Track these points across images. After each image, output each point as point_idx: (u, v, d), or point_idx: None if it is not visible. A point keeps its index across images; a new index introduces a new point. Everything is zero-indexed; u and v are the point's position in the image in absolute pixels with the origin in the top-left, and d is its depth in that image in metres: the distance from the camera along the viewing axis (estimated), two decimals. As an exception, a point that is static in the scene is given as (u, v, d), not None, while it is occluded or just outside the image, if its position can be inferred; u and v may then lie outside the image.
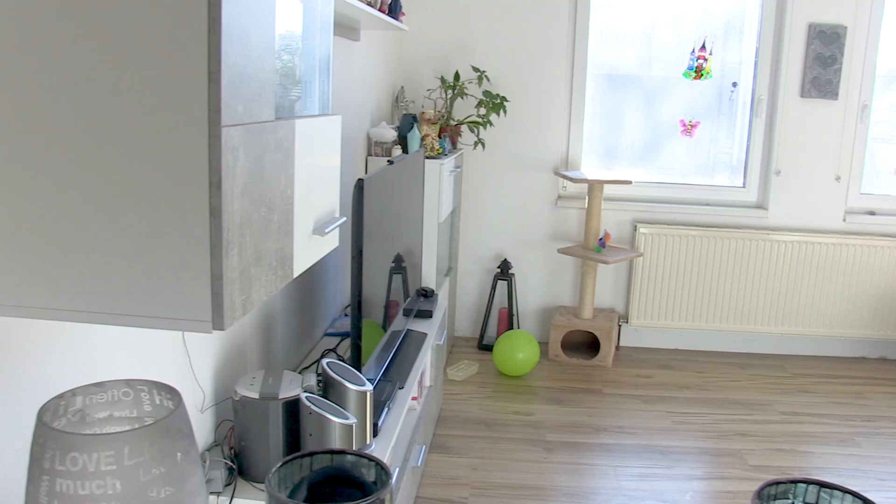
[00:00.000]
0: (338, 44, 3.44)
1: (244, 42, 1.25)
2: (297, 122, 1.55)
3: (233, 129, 1.22)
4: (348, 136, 3.73)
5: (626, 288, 5.15)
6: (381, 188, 2.82)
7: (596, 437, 3.89)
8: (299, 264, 1.61)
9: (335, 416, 2.07)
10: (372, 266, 2.81)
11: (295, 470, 1.71)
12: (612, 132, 5.15)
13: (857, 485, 3.57)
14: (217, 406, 2.24)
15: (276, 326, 2.83)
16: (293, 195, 1.54)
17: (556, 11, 4.89)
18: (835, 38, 4.93)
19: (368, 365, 2.80)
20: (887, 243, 5.07)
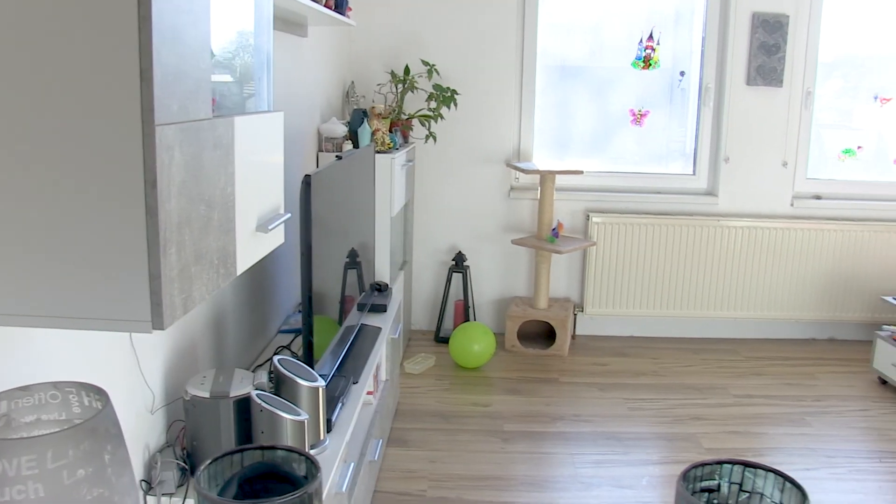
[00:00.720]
0: (285, 40, 3.42)
1: (177, 40, 1.24)
2: (237, 119, 1.54)
3: (167, 127, 1.21)
4: (298, 132, 3.71)
5: (581, 277, 5.20)
6: (330, 184, 2.81)
7: (553, 426, 3.93)
8: (243, 262, 1.61)
9: (287, 412, 2.07)
10: (325, 262, 2.80)
11: (225, 467, 1.70)
12: (563, 123, 5.18)
13: (807, 462, 3.65)
14: (168, 406, 2.22)
15: (228, 324, 2.81)
16: (234, 192, 1.53)
17: (505, 4, 4.91)
18: (778, 27, 5.01)
19: (322, 361, 2.79)
20: (833, 226, 5.17)
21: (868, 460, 3.71)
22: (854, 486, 3.47)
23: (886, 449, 3.84)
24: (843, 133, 5.37)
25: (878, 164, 5.41)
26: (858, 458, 3.72)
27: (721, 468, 2.64)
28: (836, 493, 3.40)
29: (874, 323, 5.16)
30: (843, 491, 3.43)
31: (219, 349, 2.70)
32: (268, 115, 1.77)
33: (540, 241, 4.81)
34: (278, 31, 3.27)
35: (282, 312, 3.56)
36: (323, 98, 4.26)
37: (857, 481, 3.52)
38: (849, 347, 5.23)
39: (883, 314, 5.21)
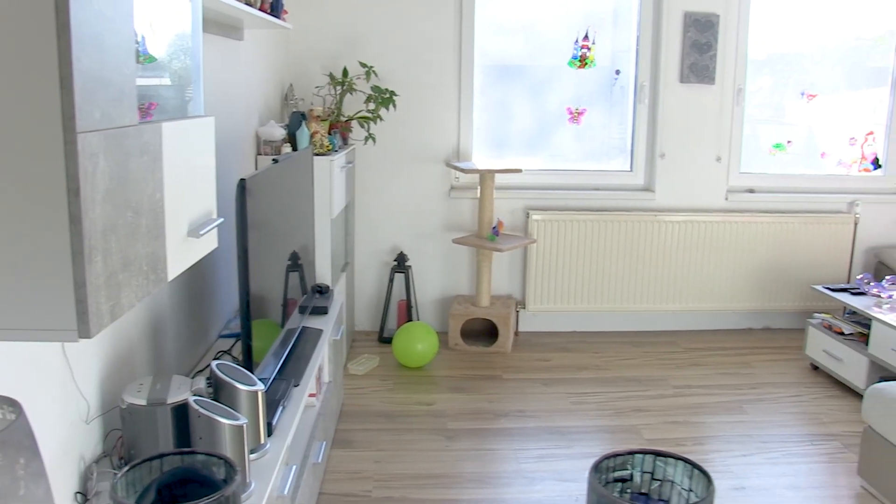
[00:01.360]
0: (221, 44, 3.40)
1: (98, 47, 1.24)
2: (165, 125, 1.54)
3: (90, 135, 1.21)
4: (235, 135, 3.70)
5: (522, 274, 5.25)
6: (267, 187, 2.81)
7: (497, 423, 3.97)
8: (174, 267, 1.60)
9: (225, 417, 2.06)
10: (265, 265, 2.80)
11: (144, 474, 1.70)
12: (502, 122, 5.23)
13: (743, 449, 3.74)
14: (104, 416, 2.20)
15: (167, 330, 2.79)
16: (163, 198, 1.53)
17: (443, 5, 4.94)
18: (709, 26, 5.12)
19: (263, 364, 2.79)
20: (767, 219, 5.30)
21: (800, 444, 3.82)
22: (787, 470, 3.58)
23: (817, 432, 3.96)
24: (774, 128, 5.51)
25: (808, 157, 5.56)
26: (791, 443, 3.83)
27: (633, 458, 2.70)
28: (770, 477, 3.50)
29: (806, 311, 5.30)
30: (777, 475, 3.53)
31: (157, 356, 2.68)
32: (197, 120, 1.77)
33: (481, 239, 4.85)
34: (214, 35, 3.25)
35: (223, 317, 3.55)
36: (261, 101, 4.24)
37: (790, 464, 3.62)
38: (783, 336, 5.37)
39: (814, 303, 5.35)
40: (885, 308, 4.35)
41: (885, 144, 5.58)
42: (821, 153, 5.58)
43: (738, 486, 3.42)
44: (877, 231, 5.53)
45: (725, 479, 3.48)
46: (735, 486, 3.43)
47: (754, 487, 3.42)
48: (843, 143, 5.58)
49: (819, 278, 5.41)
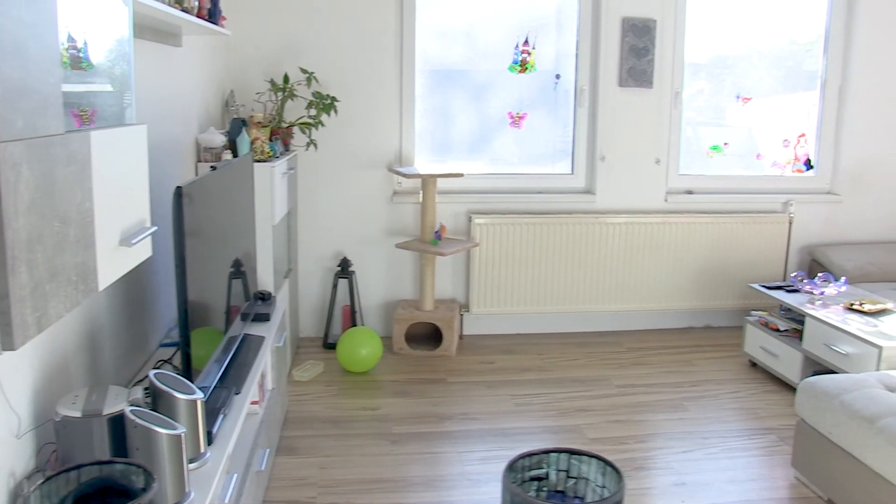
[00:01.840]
0: (159, 50, 3.37)
1: (19, 54, 1.23)
2: (94, 134, 1.53)
3: (12, 144, 1.19)
4: (175, 142, 3.66)
5: (466, 278, 5.28)
6: (206, 194, 2.80)
7: (441, 426, 3.98)
8: (105, 277, 1.59)
9: (162, 427, 2.05)
10: (207, 272, 2.78)
11: (61, 485, 1.69)
12: (444, 127, 5.26)
13: (684, 445, 3.81)
14: (38, 429, 2.16)
15: (104, 340, 2.76)
16: (92, 208, 1.52)
17: (383, 10, 4.94)
18: (646, 31, 5.21)
19: (204, 373, 2.77)
20: (705, 219, 5.41)
21: (739, 439, 3.91)
22: (726, 464, 3.65)
23: (755, 427, 4.05)
24: (712, 130, 5.63)
25: (744, 159, 5.68)
26: (730, 438, 3.92)
27: (548, 457, 2.76)
28: (710, 472, 3.57)
29: (745, 309, 5.42)
30: (716, 469, 3.60)
31: (94, 366, 2.64)
32: (128, 128, 1.76)
33: (423, 244, 4.87)
34: (151, 42, 3.22)
35: (164, 325, 3.51)
36: (201, 108, 4.21)
37: (729, 459, 3.70)
38: (723, 333, 5.48)
39: (752, 300, 5.47)
40: (818, 304, 4.46)
41: (816, 146, 5.73)
42: (756, 155, 5.71)
43: (679, 482, 3.49)
44: (810, 230, 5.68)
45: (667, 475, 3.54)
46: (676, 482, 3.49)
47: (695, 483, 3.49)
48: (778, 145, 5.72)
49: (756, 277, 5.53)
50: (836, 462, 3.23)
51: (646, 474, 3.55)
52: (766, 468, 3.64)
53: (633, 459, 3.67)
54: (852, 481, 3.15)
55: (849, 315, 4.31)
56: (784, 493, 3.44)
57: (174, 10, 2.98)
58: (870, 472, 3.05)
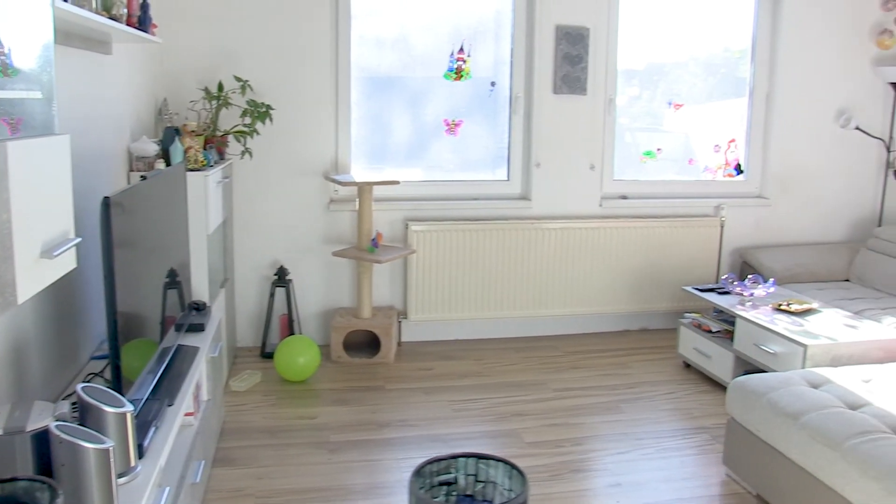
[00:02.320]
0: (88, 58, 3.32)
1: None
2: (10, 144, 1.51)
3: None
4: (105, 152, 3.61)
5: (403, 285, 5.29)
6: (138, 204, 2.77)
7: (380, 433, 3.98)
8: (25, 290, 1.57)
9: (89, 441, 2.02)
10: (139, 283, 2.75)
11: None
12: (380, 134, 5.27)
13: (620, 447, 3.88)
14: (-39, 446, 2.11)
15: (31, 355, 2.70)
16: (10, 220, 1.50)
17: (318, 18, 4.94)
18: (580, 39, 5.28)
19: (137, 385, 2.74)
20: (639, 224, 5.51)
21: (673, 438, 3.99)
22: (660, 464, 3.72)
23: (689, 426, 4.14)
24: (645, 136, 5.73)
25: (676, 164, 5.80)
26: (665, 438, 3.99)
27: (456, 462, 2.80)
28: (645, 472, 3.64)
29: (679, 311, 5.52)
30: (651, 469, 3.67)
31: (19, 382, 2.59)
32: (49, 138, 1.74)
33: (360, 251, 4.87)
34: (80, 49, 3.18)
35: (96, 338, 3.45)
36: (133, 116, 4.15)
37: (664, 458, 3.77)
38: (658, 336, 5.58)
39: (686, 303, 5.59)
40: (748, 306, 4.57)
41: (745, 151, 5.88)
42: (689, 160, 5.83)
43: (614, 483, 3.54)
44: (741, 233, 5.82)
45: (603, 476, 3.60)
46: (612, 482, 3.55)
47: (630, 483, 3.55)
48: (709, 150, 5.85)
49: (690, 279, 5.64)
50: (764, 458, 3.32)
51: (582, 476, 3.59)
52: (699, 466, 3.72)
53: (570, 462, 3.72)
54: (779, 476, 3.24)
55: (777, 315, 4.42)
56: (716, 490, 3.51)
57: (101, 17, 2.94)
58: (794, 466, 3.14)
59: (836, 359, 4.01)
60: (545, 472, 3.62)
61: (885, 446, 2.84)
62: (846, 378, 3.51)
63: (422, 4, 5.18)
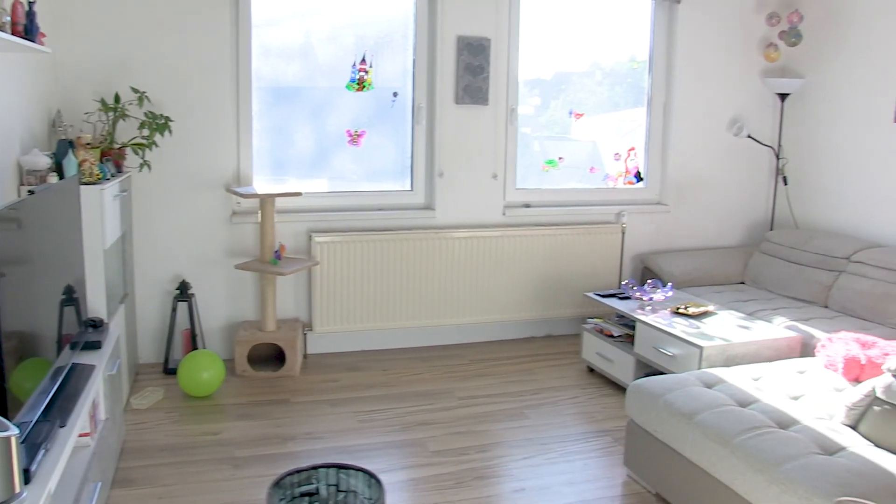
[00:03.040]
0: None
1: None
2: None
3: None
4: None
5: (308, 297, 5.25)
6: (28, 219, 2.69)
7: (284, 447, 3.95)
8: None
9: (-30, 466, 1.95)
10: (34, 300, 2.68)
11: None
12: (282, 146, 5.23)
13: (525, 452, 3.93)
14: None
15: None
16: None
17: (217, 28, 4.87)
18: (481, 50, 5.35)
19: (27, 407, 2.65)
20: (542, 232, 5.60)
21: (576, 442, 4.06)
22: (564, 468, 3.79)
23: (592, 429, 4.22)
24: (553, 145, 5.84)
25: (578, 172, 5.92)
26: (568, 442, 4.07)
27: (317, 472, 2.84)
28: (549, 476, 3.70)
29: (583, 317, 5.63)
30: (555, 473, 3.73)
31: None
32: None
33: (263, 264, 4.83)
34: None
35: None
36: (24, 129, 4.02)
37: (567, 462, 3.84)
38: (563, 342, 5.68)
39: (588, 309, 5.70)
40: (647, 310, 4.70)
41: (644, 159, 6.04)
42: (590, 168, 5.95)
43: (518, 489, 3.59)
44: (641, 239, 5.97)
45: (507, 482, 3.64)
46: (516, 488, 3.59)
47: (534, 487, 3.60)
48: (609, 159, 5.99)
49: (593, 285, 5.76)
50: (662, 458, 3.41)
51: (486, 483, 3.63)
52: (602, 468, 3.80)
53: (474, 469, 3.75)
54: (676, 475, 3.33)
55: (675, 318, 4.55)
56: (617, 491, 3.59)
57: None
58: (690, 464, 3.23)
59: (730, 359, 4.15)
60: (450, 479, 3.64)
61: (770, 440, 2.96)
62: (738, 377, 3.64)
63: (324, 15, 5.17)
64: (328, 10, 5.17)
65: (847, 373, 3.65)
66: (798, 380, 3.66)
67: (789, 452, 2.87)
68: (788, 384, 3.59)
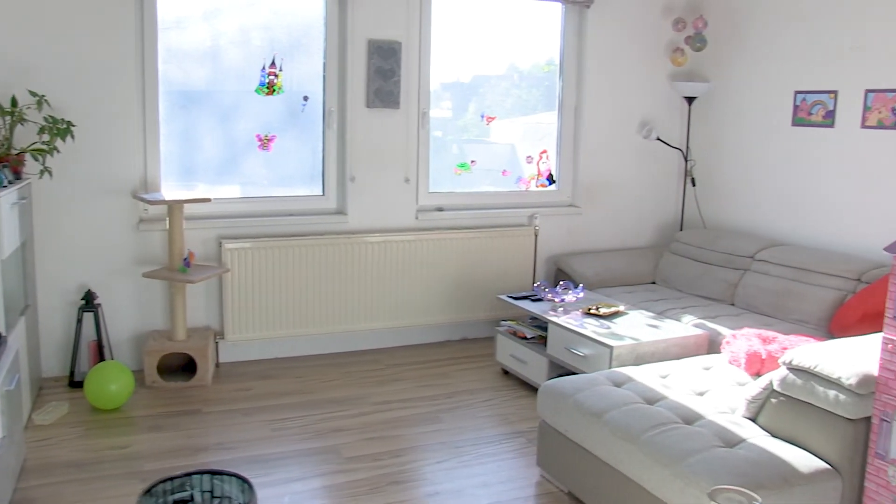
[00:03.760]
0: None
1: None
2: None
3: None
4: None
5: (219, 304, 5.16)
6: None
7: (195, 458, 3.86)
8: None
9: None
10: None
11: None
12: (191, 151, 5.12)
13: (439, 456, 3.93)
14: None
15: None
16: None
17: (121, 30, 4.74)
18: (392, 53, 5.34)
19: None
20: (455, 235, 5.62)
21: (490, 444, 4.09)
22: (479, 470, 3.80)
23: (506, 431, 4.26)
24: (466, 148, 5.86)
25: (490, 175, 5.96)
26: (482, 444, 4.08)
27: (190, 479, 2.82)
28: (463, 479, 3.71)
29: (497, 320, 5.66)
30: (469, 476, 3.74)
31: None
32: None
33: (172, 272, 4.72)
34: None
35: None
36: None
37: (481, 464, 3.86)
38: (478, 345, 5.71)
39: (503, 311, 5.74)
40: (559, 311, 4.75)
41: (556, 162, 6.12)
42: (503, 171, 6.00)
43: (432, 493, 3.58)
44: (554, 241, 6.05)
45: (421, 486, 3.63)
46: (430, 492, 3.59)
47: (447, 491, 3.60)
48: (522, 162, 6.04)
49: (507, 288, 5.80)
50: (573, 457, 3.45)
51: (400, 488, 3.62)
52: (516, 469, 3.83)
53: (389, 474, 3.74)
54: (587, 473, 3.38)
55: (586, 319, 4.61)
56: (531, 492, 3.62)
57: None
58: (600, 462, 3.28)
59: (640, 357, 4.23)
60: (364, 485, 3.62)
61: (675, 436, 3.03)
62: (646, 375, 3.71)
63: (232, 17, 5.09)
64: (237, 13, 5.09)
65: (749, 367, 3.75)
66: (704, 376, 3.75)
67: (692, 447, 2.94)
68: (694, 381, 3.68)
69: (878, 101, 4.87)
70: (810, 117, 5.32)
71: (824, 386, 2.93)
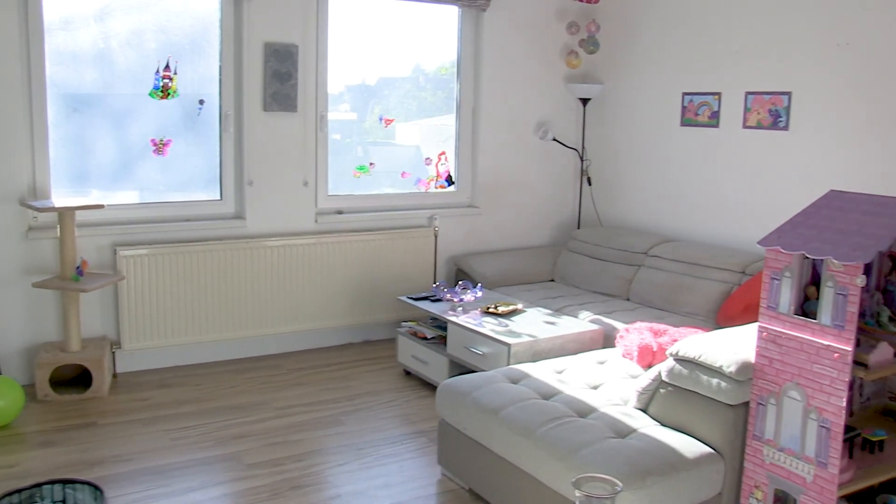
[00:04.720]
0: None
1: None
2: None
3: None
4: None
5: (115, 313, 5.04)
6: None
7: (90, 473, 3.76)
8: None
9: None
10: None
11: None
12: (83, 156, 4.99)
13: (340, 458, 3.96)
14: None
15: None
16: None
17: (4, 32, 4.57)
18: (288, 56, 5.32)
19: None
20: (356, 238, 5.64)
21: (392, 445, 4.13)
22: (380, 471, 3.84)
23: (407, 431, 4.31)
24: (364, 151, 5.88)
25: (389, 177, 6.00)
26: (384, 445, 4.12)
27: (41, 490, 2.82)
28: (364, 481, 3.74)
29: (398, 321, 5.69)
30: (370, 477, 3.78)
31: None
32: None
33: (64, 281, 4.60)
34: None
35: None
36: None
37: (382, 465, 3.90)
38: (380, 346, 5.74)
39: (404, 313, 5.77)
40: (458, 311, 4.82)
41: (455, 164, 6.20)
42: (401, 173, 6.04)
43: (334, 496, 3.60)
44: (453, 241, 6.12)
45: (322, 490, 3.65)
46: (331, 495, 3.61)
47: (349, 493, 3.62)
48: (421, 164, 6.10)
49: (409, 289, 5.85)
50: (472, 454, 3.52)
51: (302, 492, 3.62)
52: (417, 469, 3.88)
53: (290, 479, 3.73)
54: (486, 469, 3.45)
55: (485, 318, 4.70)
56: (432, 490, 3.68)
57: None
58: (498, 458, 3.36)
59: (538, 354, 4.32)
60: (264, 492, 3.61)
61: (570, 429, 3.13)
62: (542, 371, 3.81)
63: (125, 19, 4.98)
64: (130, 13, 4.99)
65: (641, 360, 3.89)
66: (598, 370, 3.87)
67: (586, 439, 3.04)
68: (589, 375, 3.79)
69: (756, 102, 5.10)
70: (697, 118, 5.54)
71: (708, 375, 3.07)
